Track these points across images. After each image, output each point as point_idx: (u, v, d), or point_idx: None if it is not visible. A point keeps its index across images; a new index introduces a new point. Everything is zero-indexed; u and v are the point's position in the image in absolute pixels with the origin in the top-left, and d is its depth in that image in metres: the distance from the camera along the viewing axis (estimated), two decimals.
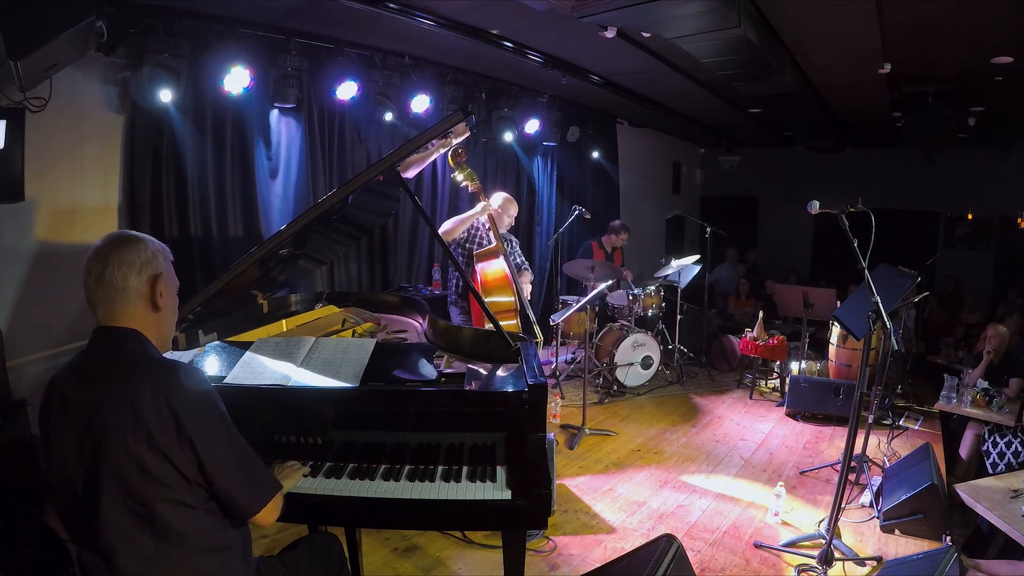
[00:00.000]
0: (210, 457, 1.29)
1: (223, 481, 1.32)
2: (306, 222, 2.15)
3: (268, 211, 4.41)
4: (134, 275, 1.35)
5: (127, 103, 3.68)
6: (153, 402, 1.24)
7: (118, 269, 1.34)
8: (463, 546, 2.97)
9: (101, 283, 1.33)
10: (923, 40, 4.13)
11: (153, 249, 1.41)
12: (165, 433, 1.24)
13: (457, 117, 2.15)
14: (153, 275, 1.38)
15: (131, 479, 1.24)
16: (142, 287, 1.37)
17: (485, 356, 2.24)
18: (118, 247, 1.36)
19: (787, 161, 9.83)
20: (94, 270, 1.34)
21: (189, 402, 1.28)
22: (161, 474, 1.25)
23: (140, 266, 1.36)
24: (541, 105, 6.11)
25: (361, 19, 3.86)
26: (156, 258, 1.40)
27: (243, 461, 1.37)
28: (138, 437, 1.23)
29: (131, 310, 1.36)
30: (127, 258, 1.35)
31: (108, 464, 1.24)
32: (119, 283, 1.34)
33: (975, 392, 4.13)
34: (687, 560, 2.01)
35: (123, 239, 1.38)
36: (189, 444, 1.26)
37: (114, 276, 1.33)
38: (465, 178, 3.54)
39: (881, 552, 3.03)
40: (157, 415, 1.24)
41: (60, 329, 3.46)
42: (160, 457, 1.24)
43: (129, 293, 1.35)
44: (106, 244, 1.37)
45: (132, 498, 1.25)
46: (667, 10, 3.50)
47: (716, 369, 6.55)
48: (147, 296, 1.38)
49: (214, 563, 1.34)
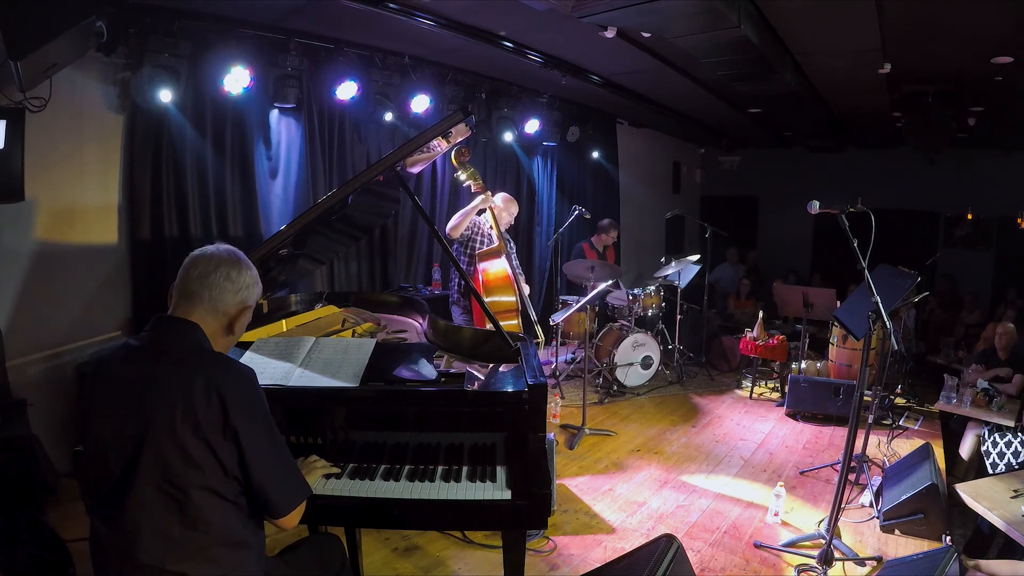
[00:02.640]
0: (252, 452, 1.32)
1: (260, 476, 1.35)
2: (306, 222, 2.16)
3: (268, 211, 4.41)
4: (231, 293, 1.42)
5: (127, 103, 3.68)
6: (205, 391, 1.28)
7: (223, 280, 1.41)
8: (463, 546, 2.97)
9: (200, 282, 1.39)
10: (923, 40, 4.13)
11: (255, 280, 1.48)
12: (212, 422, 1.28)
13: (457, 117, 2.15)
14: (244, 304, 1.46)
15: (172, 462, 1.27)
16: (231, 308, 1.43)
17: (485, 356, 2.24)
18: (233, 262, 1.44)
19: (787, 161, 9.83)
20: (200, 267, 1.40)
21: (239, 397, 1.32)
22: (202, 461, 1.28)
23: (240, 289, 1.43)
24: (541, 105, 6.11)
25: (361, 19, 3.86)
26: (253, 290, 1.47)
27: (282, 461, 1.41)
28: (186, 423, 1.27)
29: (208, 318, 1.41)
30: (235, 275, 1.42)
31: (151, 444, 1.27)
32: (216, 292, 1.40)
33: (975, 392, 4.13)
34: (687, 560, 2.01)
35: (239, 258, 1.46)
36: (233, 437, 1.30)
37: (216, 283, 1.40)
38: (468, 177, 3.54)
39: (881, 552, 3.03)
40: (207, 404, 1.28)
41: (60, 329, 3.46)
42: (204, 445, 1.28)
43: (217, 305, 1.41)
44: (223, 253, 1.44)
45: (169, 481, 1.27)
46: (667, 10, 3.50)
47: (716, 369, 6.55)
48: (230, 317, 1.44)
49: (234, 559, 1.35)
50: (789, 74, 4.83)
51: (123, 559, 1.28)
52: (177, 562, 1.28)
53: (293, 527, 1.48)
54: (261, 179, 4.37)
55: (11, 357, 3.19)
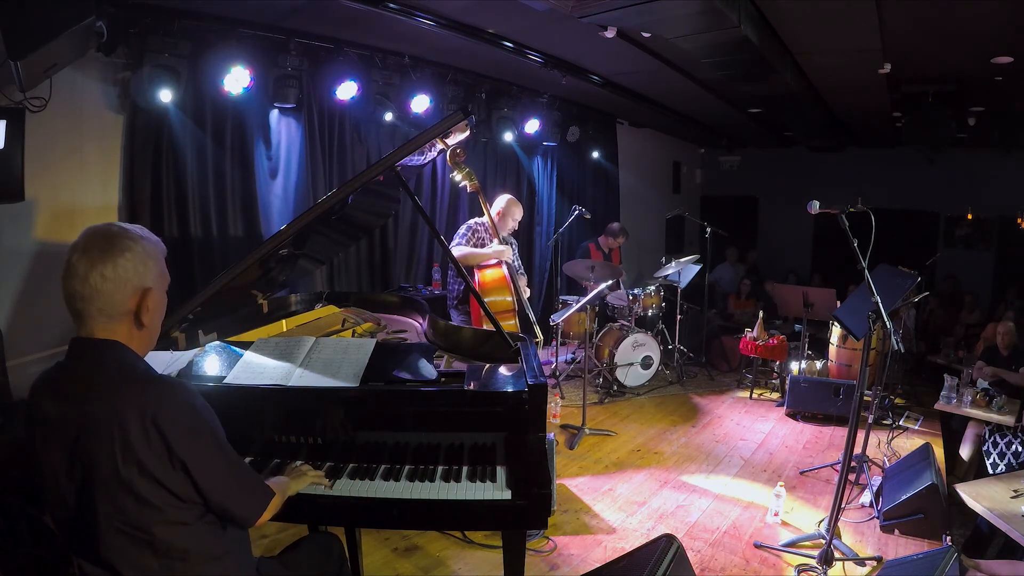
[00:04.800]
0: (204, 477, 1.24)
1: (218, 497, 1.29)
2: (306, 222, 2.15)
3: (268, 211, 4.41)
4: (119, 291, 1.22)
5: (127, 103, 3.68)
6: (140, 425, 1.16)
7: (100, 283, 1.20)
8: (463, 546, 2.97)
9: (81, 295, 1.20)
10: (923, 40, 4.13)
11: (143, 253, 1.26)
12: (156, 458, 1.18)
13: (457, 117, 2.15)
14: (142, 289, 1.25)
15: (126, 505, 1.19)
16: (127, 303, 1.24)
17: (485, 356, 2.24)
18: (104, 254, 1.21)
19: (787, 161, 9.83)
20: (72, 281, 1.20)
21: (178, 423, 1.20)
22: (156, 499, 1.20)
23: (126, 280, 1.22)
24: (541, 105, 6.11)
25: (361, 19, 3.86)
26: (146, 265, 1.26)
27: (237, 475, 1.34)
28: (128, 464, 1.17)
29: (112, 326, 1.25)
30: (110, 272, 1.20)
31: (101, 489, 1.19)
32: (101, 300, 1.21)
33: (975, 392, 4.14)
34: (687, 560, 2.00)
35: (109, 243, 1.22)
36: (182, 466, 1.21)
37: (95, 291, 1.20)
38: (464, 177, 3.54)
39: (881, 552, 3.03)
40: (146, 440, 1.17)
41: (60, 329, 3.44)
42: (153, 483, 1.19)
43: (112, 311, 1.23)
44: (89, 246, 1.21)
45: (128, 524, 1.20)
46: (667, 10, 3.50)
47: (716, 369, 6.55)
48: (131, 313, 1.26)
49: (219, 567, 1.33)
50: (789, 74, 4.83)
51: None
52: None
53: (264, 522, 1.44)
54: (261, 179, 4.38)
55: (11, 357, 3.20)
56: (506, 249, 3.71)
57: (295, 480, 1.63)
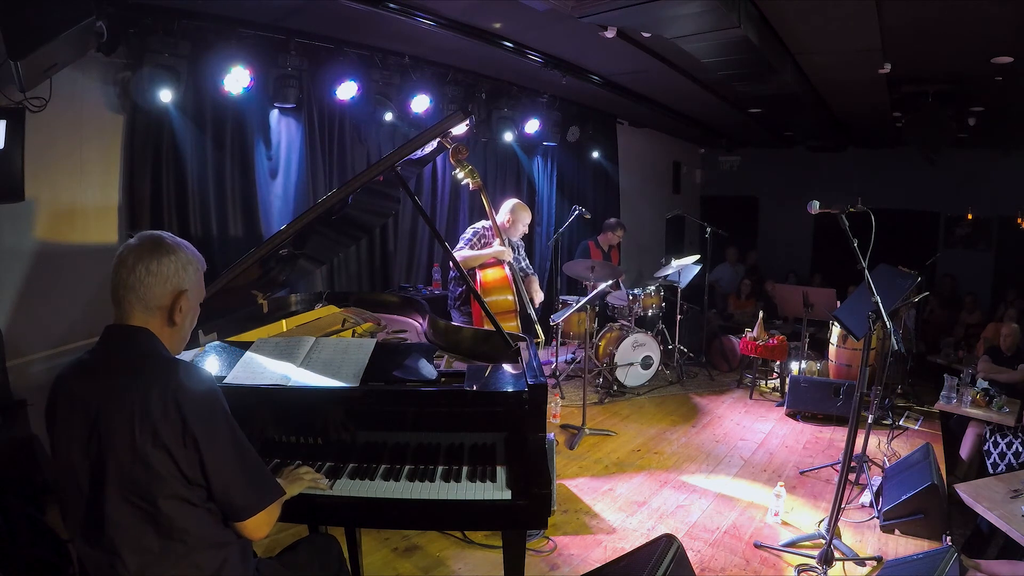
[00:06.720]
0: (212, 457, 1.29)
1: (222, 480, 1.32)
2: (306, 222, 2.15)
3: (268, 211, 4.41)
4: (157, 286, 1.35)
5: (127, 103, 3.68)
6: (161, 399, 1.25)
7: (144, 276, 1.34)
8: (463, 546, 2.97)
9: (124, 285, 1.34)
10: (923, 40, 4.13)
11: (186, 259, 1.40)
12: (170, 430, 1.25)
13: (457, 117, 2.15)
14: (178, 289, 1.38)
15: (135, 474, 1.25)
16: (163, 299, 1.37)
17: (485, 356, 2.24)
18: (151, 252, 1.36)
19: (787, 161, 9.82)
20: (120, 271, 1.35)
21: (196, 401, 1.29)
22: (163, 470, 1.26)
23: (167, 278, 1.36)
24: (541, 105, 6.11)
25: (361, 19, 3.86)
26: (186, 270, 1.40)
27: (245, 463, 1.37)
28: (144, 433, 1.24)
29: (147, 317, 1.37)
30: (155, 267, 1.35)
31: (114, 459, 1.25)
32: (141, 291, 1.34)
33: (975, 392, 4.14)
34: (687, 560, 2.01)
35: (158, 245, 1.38)
36: (193, 443, 1.27)
37: (137, 282, 1.34)
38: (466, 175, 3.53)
39: (881, 552, 3.03)
40: (164, 412, 1.25)
41: (60, 329, 3.46)
42: (164, 453, 1.25)
43: (148, 302, 1.36)
44: (141, 245, 1.37)
45: (135, 493, 1.26)
46: (667, 10, 3.50)
47: (716, 369, 6.55)
48: (166, 309, 1.38)
49: (218, 558, 1.34)
50: (789, 74, 4.83)
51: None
52: (160, 573, 1.28)
53: (263, 536, 1.43)
54: (261, 179, 4.38)
55: (11, 357, 3.20)
56: (505, 249, 3.70)
57: (292, 484, 1.63)
